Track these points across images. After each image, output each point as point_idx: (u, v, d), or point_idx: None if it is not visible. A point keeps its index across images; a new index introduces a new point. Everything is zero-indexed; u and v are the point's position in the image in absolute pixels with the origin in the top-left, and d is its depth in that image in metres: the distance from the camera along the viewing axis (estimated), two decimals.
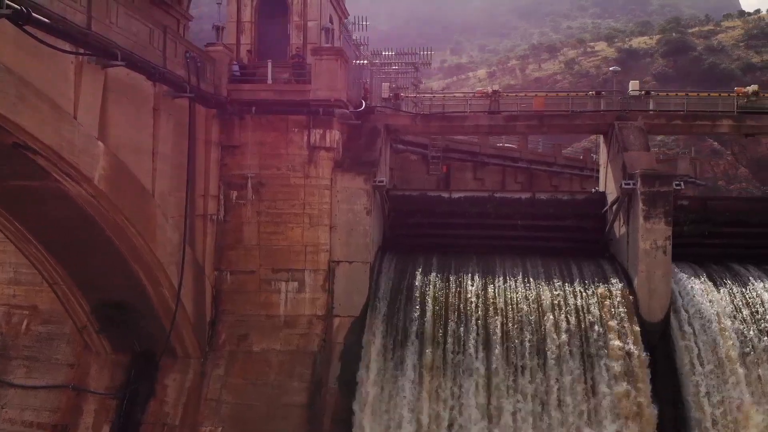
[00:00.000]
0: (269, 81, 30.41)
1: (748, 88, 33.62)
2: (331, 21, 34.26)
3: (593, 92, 35.25)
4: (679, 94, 34.33)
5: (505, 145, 54.26)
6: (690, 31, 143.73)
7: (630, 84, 34.83)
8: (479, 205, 34.77)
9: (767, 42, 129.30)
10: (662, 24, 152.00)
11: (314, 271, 30.17)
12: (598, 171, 61.95)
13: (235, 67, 30.92)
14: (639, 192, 29.26)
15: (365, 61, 34.00)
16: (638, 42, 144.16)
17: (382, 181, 30.70)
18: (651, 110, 33.86)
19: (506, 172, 50.91)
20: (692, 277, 30.47)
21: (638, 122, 32.91)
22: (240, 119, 30.30)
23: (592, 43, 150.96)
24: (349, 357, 29.35)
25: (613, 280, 30.33)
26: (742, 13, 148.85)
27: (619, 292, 29.74)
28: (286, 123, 30.22)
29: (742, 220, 33.39)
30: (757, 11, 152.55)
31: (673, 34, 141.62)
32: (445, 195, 35.47)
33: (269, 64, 30.48)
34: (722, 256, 32.41)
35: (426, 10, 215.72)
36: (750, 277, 30.56)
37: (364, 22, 34.88)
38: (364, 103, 32.87)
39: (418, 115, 34.88)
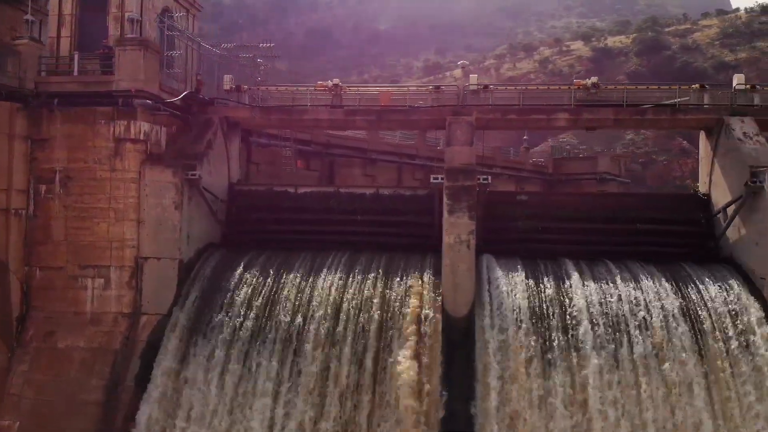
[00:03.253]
0: (75, 73, 29.91)
1: (587, 80, 32.71)
2: (169, 12, 33.80)
3: (433, 87, 34.35)
4: (517, 87, 33.46)
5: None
6: (667, 30, 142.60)
7: (470, 78, 33.97)
8: (324, 201, 34.44)
9: (742, 40, 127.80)
10: (639, 23, 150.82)
11: (120, 268, 29.69)
12: (512, 169, 61.45)
13: None
14: (444, 186, 28.65)
15: (178, 52, 33.19)
16: (613, 41, 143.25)
17: (195, 174, 29.99)
18: (488, 105, 33.02)
19: (403, 169, 49.99)
20: (509, 272, 29.50)
21: (470, 117, 32.21)
22: (49, 112, 29.87)
23: (568, 43, 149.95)
24: (150, 355, 28.80)
25: (428, 275, 29.62)
26: (720, 12, 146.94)
27: (429, 286, 29.07)
28: (94, 115, 29.76)
29: (577, 216, 32.80)
30: (736, 10, 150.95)
31: (649, 33, 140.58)
32: (291, 190, 34.97)
33: (76, 57, 30.06)
34: (553, 252, 31.46)
35: (415, 10, 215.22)
36: (573, 273, 29.41)
37: (182, 13, 33.97)
38: (183, 94, 32.22)
39: (256, 107, 34.34)
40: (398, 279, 29.78)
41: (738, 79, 32.78)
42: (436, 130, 36.18)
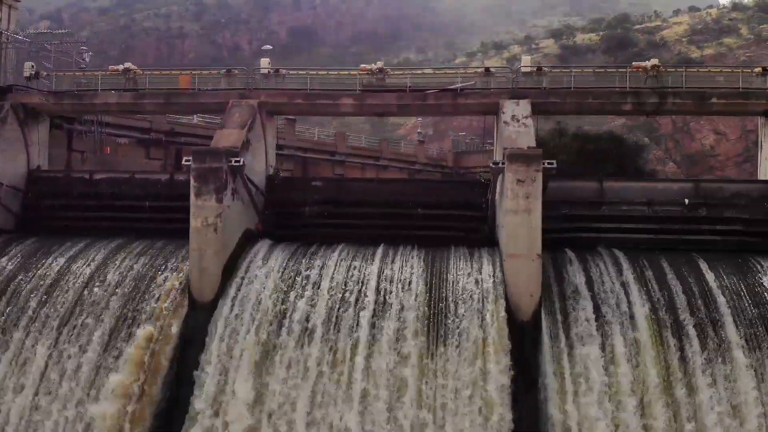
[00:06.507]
0: None
1: (372, 65, 32.19)
2: None
3: (225, 70, 33.98)
4: (310, 72, 33.00)
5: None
6: (637, 27, 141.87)
7: (261, 62, 33.51)
8: (115, 187, 34.15)
9: (710, 37, 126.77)
10: (609, 20, 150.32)
11: None
12: (403, 162, 60.84)
13: None
14: (191, 168, 28.27)
15: None
16: (583, 38, 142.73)
17: None
18: (276, 89, 32.65)
19: None
20: (271, 257, 28.96)
21: (254, 101, 31.85)
22: None
23: (539, 41, 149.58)
24: None
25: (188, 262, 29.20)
26: (692, 9, 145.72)
27: (181, 273, 28.68)
28: None
29: (365, 201, 32.46)
30: (709, 6, 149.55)
31: (618, 30, 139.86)
32: (86, 176, 34.88)
33: None
34: (336, 236, 30.76)
35: (398, 9, 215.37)
36: (334, 256, 28.69)
37: None
38: None
39: (49, 93, 34.17)
40: (163, 263, 29.50)
41: (524, 62, 32.17)
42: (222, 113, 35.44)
